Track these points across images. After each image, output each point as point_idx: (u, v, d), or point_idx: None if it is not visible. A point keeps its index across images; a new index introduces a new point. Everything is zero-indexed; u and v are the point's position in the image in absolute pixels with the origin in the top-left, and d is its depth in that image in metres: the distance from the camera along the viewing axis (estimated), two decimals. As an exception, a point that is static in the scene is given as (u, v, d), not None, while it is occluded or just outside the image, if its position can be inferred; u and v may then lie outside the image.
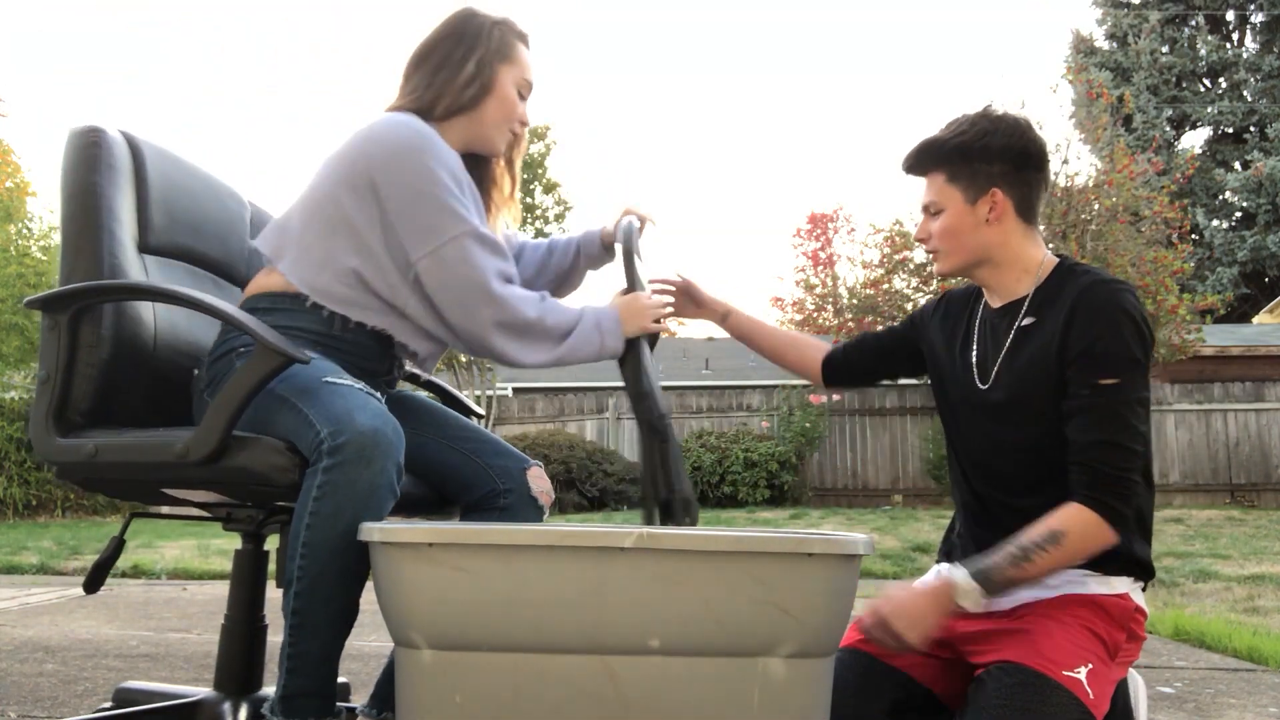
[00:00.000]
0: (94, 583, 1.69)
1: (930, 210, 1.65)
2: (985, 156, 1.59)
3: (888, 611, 1.47)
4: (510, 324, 1.57)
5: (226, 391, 1.43)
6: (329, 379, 1.46)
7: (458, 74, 1.68)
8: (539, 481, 1.73)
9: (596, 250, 1.94)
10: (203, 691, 1.76)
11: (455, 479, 1.71)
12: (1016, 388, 1.58)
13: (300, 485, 1.42)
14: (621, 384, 1.70)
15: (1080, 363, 1.50)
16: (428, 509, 1.74)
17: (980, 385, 1.63)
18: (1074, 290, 1.54)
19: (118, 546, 1.69)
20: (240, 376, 1.43)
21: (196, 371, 1.66)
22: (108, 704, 1.97)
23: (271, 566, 1.69)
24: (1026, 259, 1.62)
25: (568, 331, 1.62)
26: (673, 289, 1.93)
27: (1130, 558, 1.54)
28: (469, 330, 1.58)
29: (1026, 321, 1.60)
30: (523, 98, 1.76)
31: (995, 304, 1.67)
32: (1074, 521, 1.44)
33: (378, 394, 1.50)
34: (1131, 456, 1.46)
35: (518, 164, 1.86)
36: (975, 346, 1.67)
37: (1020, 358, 1.59)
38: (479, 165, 1.79)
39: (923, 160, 1.65)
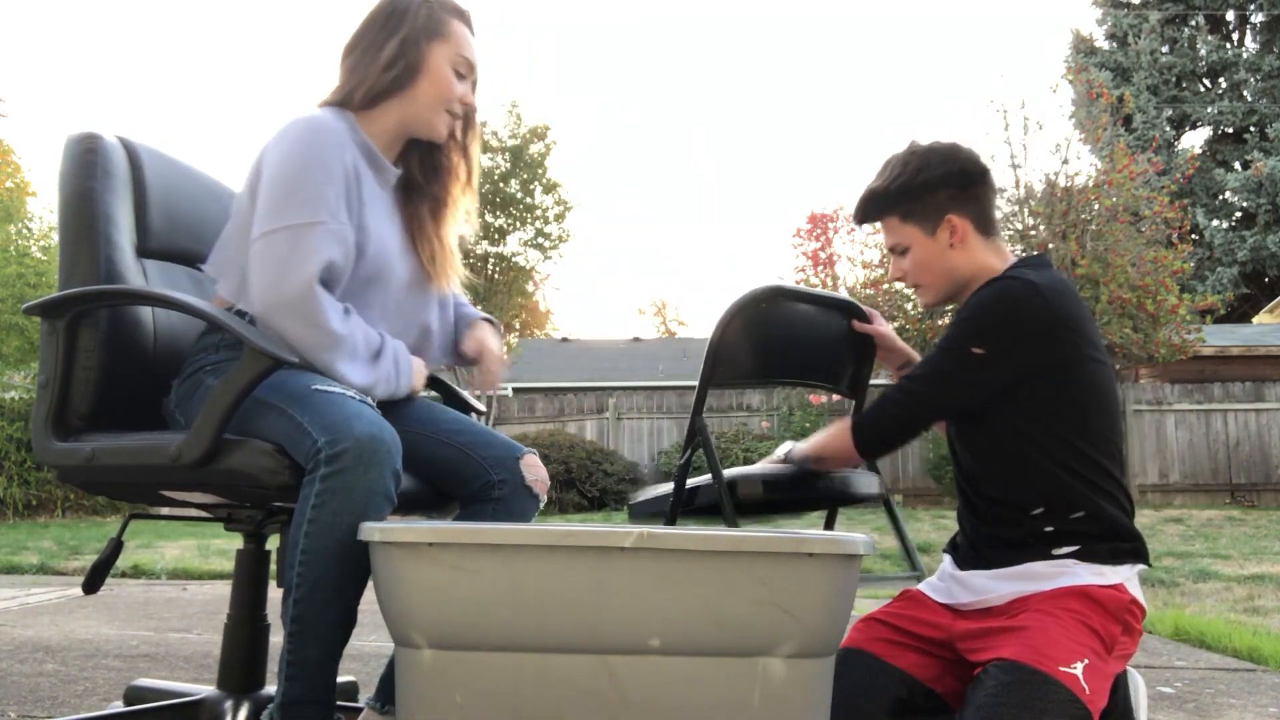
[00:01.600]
0: (93, 583, 1.69)
1: (897, 250, 1.74)
2: (928, 189, 1.67)
3: None
4: (314, 323, 1.49)
5: (216, 395, 1.43)
6: (318, 386, 1.46)
7: (378, 58, 1.64)
8: (533, 470, 1.71)
9: (449, 347, 1.85)
10: (206, 690, 1.77)
11: (449, 474, 1.70)
12: None
13: (290, 486, 1.42)
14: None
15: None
16: (425, 507, 1.73)
17: None
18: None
19: (116, 547, 1.69)
20: (229, 380, 1.43)
21: (165, 399, 1.65)
22: (117, 703, 1.97)
23: (273, 566, 1.69)
24: (990, 271, 1.68)
25: (376, 352, 1.57)
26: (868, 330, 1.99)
27: (1111, 528, 1.55)
28: (268, 317, 1.51)
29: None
30: (462, 77, 1.69)
31: None
32: (836, 429, 1.74)
33: (368, 399, 1.50)
34: (902, 400, 1.64)
35: (474, 149, 1.79)
36: None
37: None
38: (431, 153, 1.75)
39: (871, 210, 1.74)
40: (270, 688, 1.70)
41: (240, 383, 1.42)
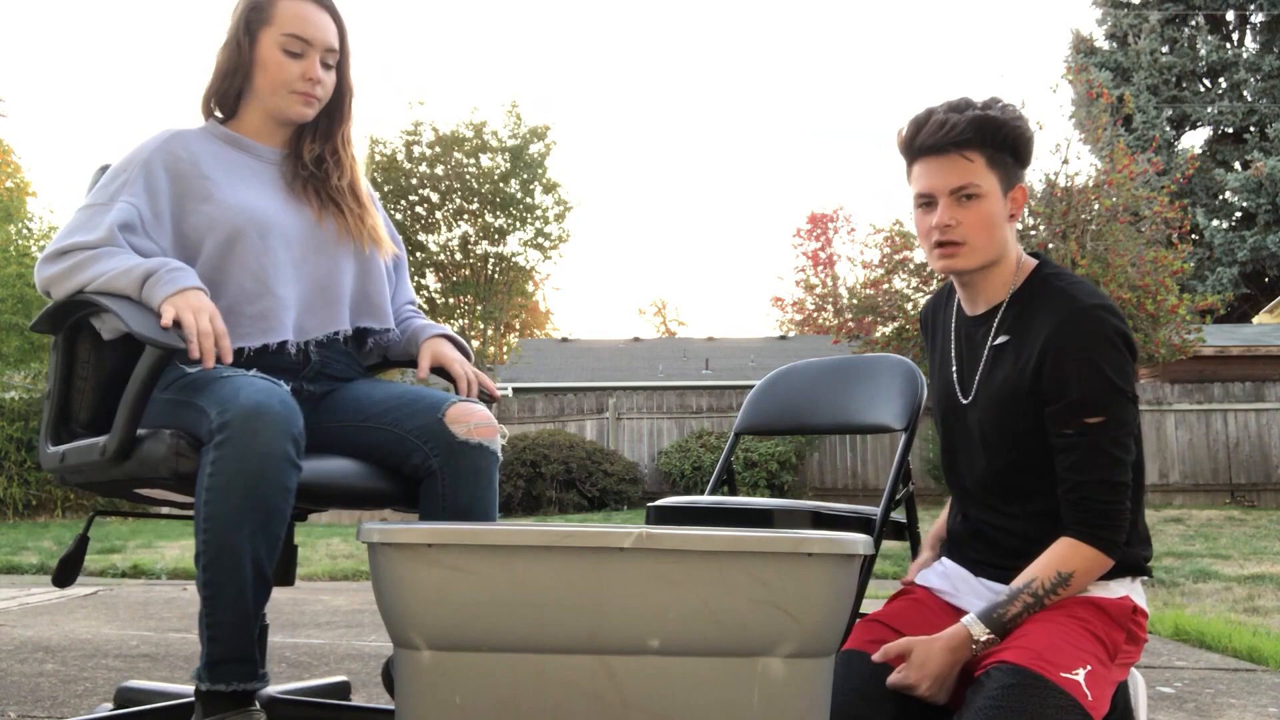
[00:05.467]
0: (63, 578, 1.72)
1: (961, 194, 1.50)
2: (1024, 147, 1.53)
3: (914, 677, 1.44)
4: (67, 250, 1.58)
5: (126, 391, 1.48)
6: (225, 374, 1.50)
7: (220, 65, 1.72)
8: (462, 420, 1.59)
9: (402, 352, 1.88)
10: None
11: (389, 458, 1.65)
12: (994, 414, 1.57)
13: (186, 475, 1.46)
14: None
15: (1063, 406, 1.48)
16: (398, 502, 1.70)
17: (962, 399, 1.63)
18: (1050, 312, 1.51)
19: (82, 543, 1.73)
20: (134, 375, 1.48)
21: None
22: (108, 704, 1.97)
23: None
24: (1013, 260, 1.58)
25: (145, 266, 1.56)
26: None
27: (1124, 563, 1.54)
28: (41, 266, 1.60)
29: (1000, 340, 1.57)
30: (294, 54, 1.69)
31: (971, 310, 1.63)
32: (1078, 559, 1.46)
33: (278, 381, 1.51)
34: (1121, 490, 1.47)
35: (340, 134, 1.80)
36: (954, 358, 1.65)
37: (995, 380, 1.57)
38: (313, 140, 1.78)
39: (978, 135, 1.48)
40: (272, 687, 1.71)
41: (141, 375, 1.48)
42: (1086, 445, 1.47)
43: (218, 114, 1.78)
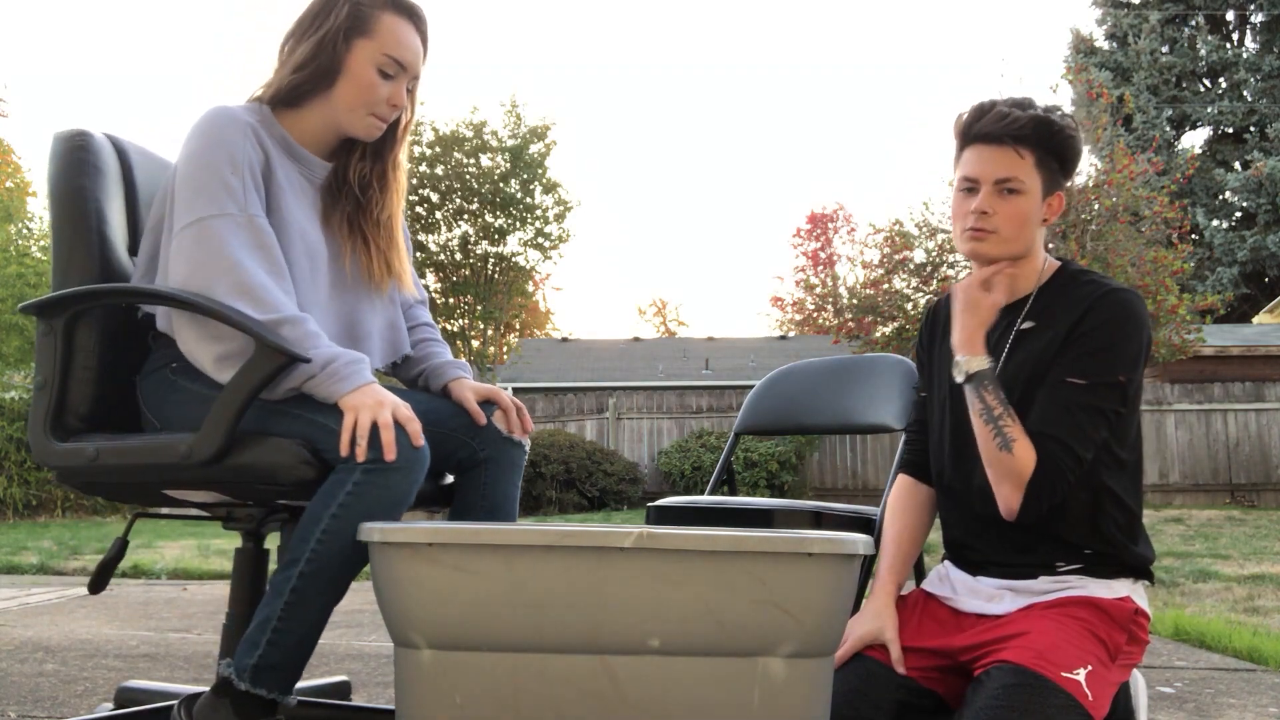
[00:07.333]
0: (98, 583, 1.70)
1: (1004, 186, 1.55)
2: (1072, 158, 1.59)
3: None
4: (250, 295, 1.44)
5: (228, 391, 1.43)
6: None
7: (291, 59, 1.60)
8: (506, 418, 1.72)
9: (409, 378, 1.83)
10: (202, 691, 1.76)
11: (433, 456, 1.66)
12: (1014, 394, 1.56)
13: (307, 483, 1.43)
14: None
15: (1066, 354, 1.52)
16: (431, 502, 1.73)
17: None
18: (1082, 296, 1.55)
19: (122, 546, 1.70)
20: (241, 376, 1.43)
21: (135, 389, 1.63)
22: (108, 704, 1.97)
23: (272, 565, 1.69)
24: (1039, 259, 1.63)
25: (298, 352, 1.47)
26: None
27: (1126, 562, 1.54)
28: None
29: (1026, 325, 1.60)
30: (388, 76, 1.60)
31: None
32: (1026, 458, 1.48)
33: None
34: (1071, 458, 1.49)
35: (391, 157, 1.71)
36: None
37: (1016, 360, 1.59)
38: (366, 150, 1.69)
39: (1035, 134, 1.54)
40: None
41: (254, 379, 1.42)
42: (1059, 401, 1.50)
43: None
